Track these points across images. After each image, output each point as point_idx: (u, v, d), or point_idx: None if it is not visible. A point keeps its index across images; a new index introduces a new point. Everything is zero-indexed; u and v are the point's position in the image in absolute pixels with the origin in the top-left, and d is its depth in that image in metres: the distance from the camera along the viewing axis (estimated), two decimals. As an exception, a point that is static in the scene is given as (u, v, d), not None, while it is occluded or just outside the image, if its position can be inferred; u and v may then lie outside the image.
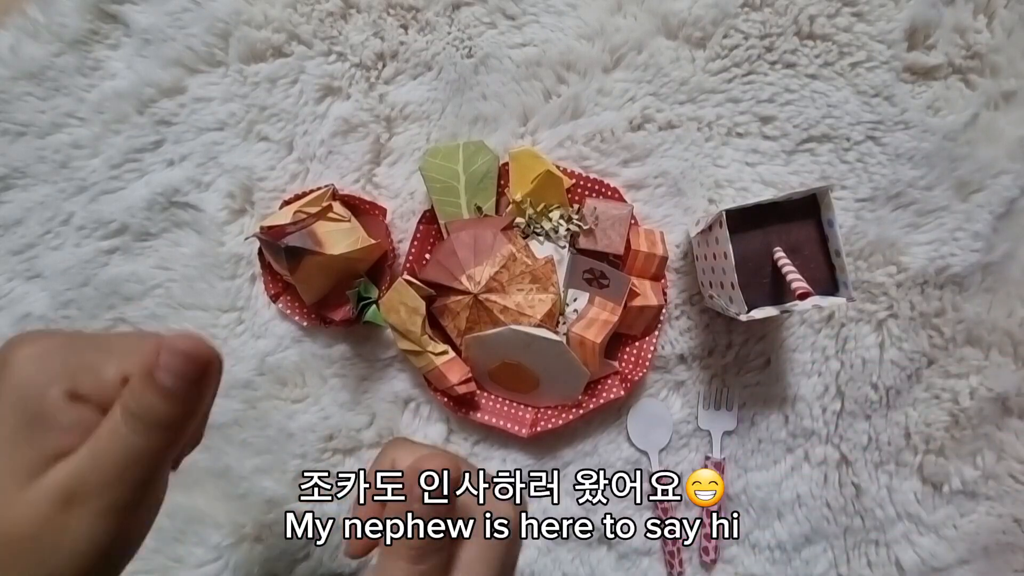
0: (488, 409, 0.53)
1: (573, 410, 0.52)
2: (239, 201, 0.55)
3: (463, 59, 0.55)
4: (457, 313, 0.50)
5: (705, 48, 0.53)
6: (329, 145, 0.55)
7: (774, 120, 0.53)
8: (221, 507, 0.55)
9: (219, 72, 0.55)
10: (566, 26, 0.54)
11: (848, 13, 0.53)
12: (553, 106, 0.54)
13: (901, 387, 0.54)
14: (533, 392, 0.51)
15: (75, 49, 0.54)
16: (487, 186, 0.52)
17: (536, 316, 0.48)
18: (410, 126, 0.55)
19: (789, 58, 0.53)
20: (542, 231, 0.52)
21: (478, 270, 0.49)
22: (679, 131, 0.54)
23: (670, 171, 0.54)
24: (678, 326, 0.54)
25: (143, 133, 0.55)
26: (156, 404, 0.24)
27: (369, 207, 0.53)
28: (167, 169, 0.55)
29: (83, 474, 0.24)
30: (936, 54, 0.52)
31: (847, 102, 0.53)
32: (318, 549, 0.55)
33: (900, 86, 0.53)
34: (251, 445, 0.55)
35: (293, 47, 0.54)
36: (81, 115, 0.55)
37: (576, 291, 0.50)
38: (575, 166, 0.54)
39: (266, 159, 0.55)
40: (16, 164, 0.55)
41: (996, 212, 0.52)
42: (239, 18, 0.54)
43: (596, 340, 0.48)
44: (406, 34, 0.55)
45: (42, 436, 0.25)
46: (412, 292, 0.48)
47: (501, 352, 0.49)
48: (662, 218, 0.54)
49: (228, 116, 0.55)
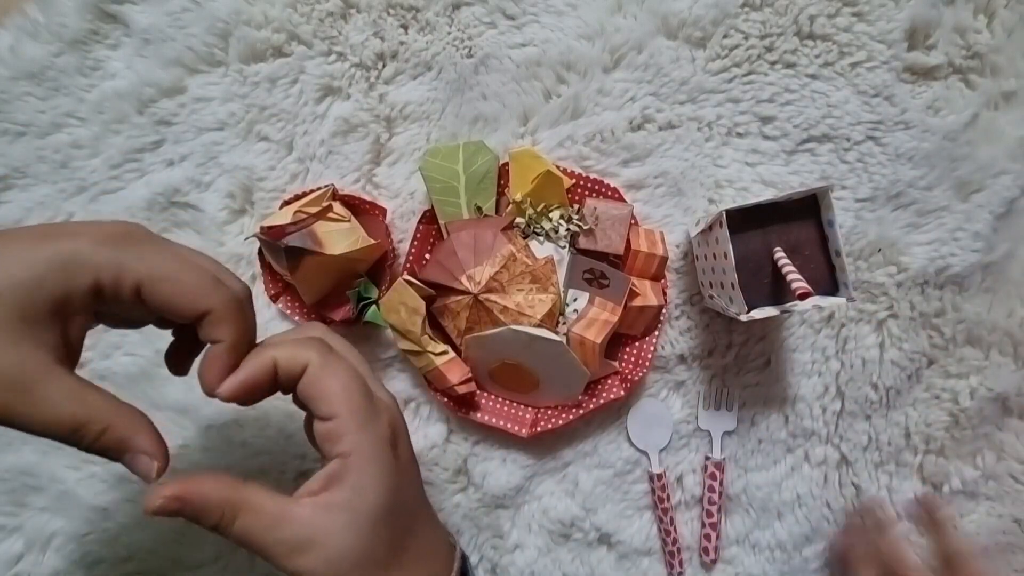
0: (488, 409, 0.53)
1: (573, 410, 0.52)
2: (239, 201, 0.55)
3: (463, 59, 0.55)
4: (457, 313, 0.50)
5: (705, 48, 0.53)
6: (329, 145, 0.55)
7: (774, 120, 0.53)
8: (221, 507, 0.54)
9: (219, 72, 0.55)
10: (566, 26, 0.54)
11: (848, 13, 0.53)
12: (553, 106, 0.54)
13: (901, 387, 0.54)
14: (533, 392, 0.51)
15: (75, 49, 0.54)
16: (487, 186, 0.52)
17: (536, 316, 0.48)
18: (410, 126, 0.55)
19: (789, 58, 0.53)
20: (542, 231, 0.52)
21: (478, 270, 0.49)
22: (679, 131, 0.54)
23: (670, 171, 0.54)
24: (678, 326, 0.54)
25: (143, 133, 0.55)
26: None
27: (369, 207, 0.53)
28: (167, 169, 0.55)
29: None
30: (936, 54, 0.52)
31: (847, 102, 0.53)
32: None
33: (900, 86, 0.53)
34: (250, 445, 0.54)
35: (293, 47, 0.54)
36: (81, 115, 0.55)
37: (576, 291, 0.50)
38: (575, 166, 0.54)
39: (266, 159, 0.55)
40: (16, 164, 0.55)
41: (996, 212, 0.52)
42: (239, 18, 0.54)
43: (596, 340, 0.48)
44: (406, 34, 0.55)
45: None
46: (412, 292, 0.48)
47: (501, 352, 0.49)
48: (662, 218, 0.54)
49: (228, 116, 0.55)
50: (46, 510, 0.54)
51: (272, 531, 0.33)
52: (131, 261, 0.32)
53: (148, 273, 0.32)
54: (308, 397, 0.35)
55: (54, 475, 0.54)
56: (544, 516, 0.55)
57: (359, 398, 0.35)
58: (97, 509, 0.54)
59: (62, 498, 0.54)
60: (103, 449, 0.32)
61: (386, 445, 0.36)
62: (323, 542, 0.34)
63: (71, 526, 0.54)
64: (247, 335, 0.35)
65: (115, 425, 0.32)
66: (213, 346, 0.34)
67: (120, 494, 0.54)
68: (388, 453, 0.36)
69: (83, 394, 0.32)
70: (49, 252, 0.31)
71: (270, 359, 0.34)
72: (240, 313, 0.34)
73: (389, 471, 0.35)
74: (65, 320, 0.32)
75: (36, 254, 0.30)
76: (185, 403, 0.54)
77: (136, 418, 0.34)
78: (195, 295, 0.33)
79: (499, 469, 0.54)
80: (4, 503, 0.54)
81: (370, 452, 0.35)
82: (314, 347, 0.36)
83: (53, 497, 0.54)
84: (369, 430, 0.35)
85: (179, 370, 0.40)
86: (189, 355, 0.40)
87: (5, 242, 0.31)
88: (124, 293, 0.32)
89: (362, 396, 0.35)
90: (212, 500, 0.33)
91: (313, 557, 0.33)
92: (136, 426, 0.33)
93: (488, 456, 0.55)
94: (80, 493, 0.54)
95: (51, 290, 0.30)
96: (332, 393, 0.34)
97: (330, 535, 0.34)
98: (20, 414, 0.30)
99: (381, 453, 0.35)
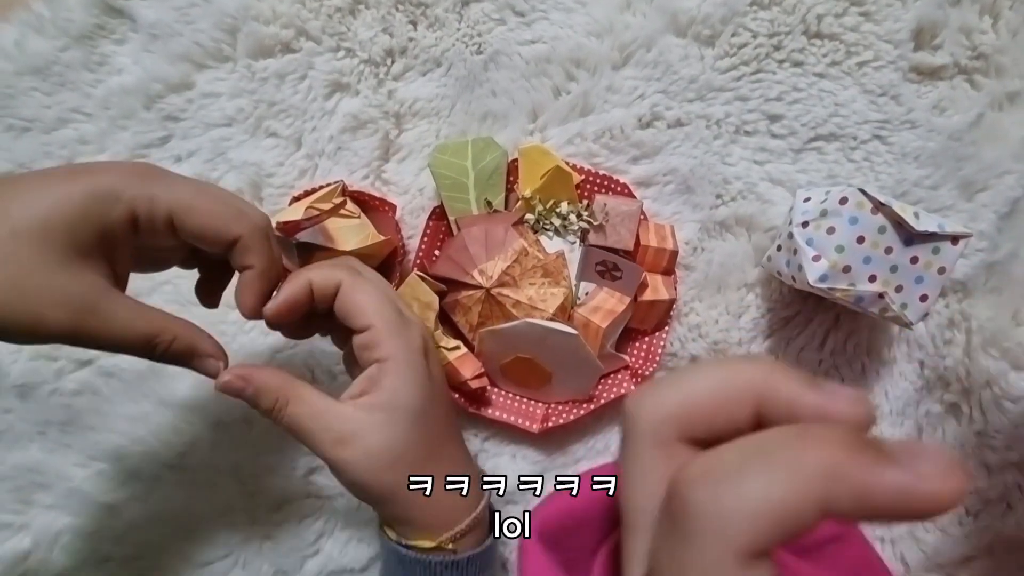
0: (498, 405, 0.53)
1: (584, 405, 0.52)
2: (248, 197, 0.55)
3: (472, 56, 0.55)
4: (469, 308, 0.50)
5: (714, 46, 0.54)
6: (338, 141, 0.55)
7: (782, 118, 0.54)
8: (230, 505, 0.54)
9: (227, 68, 0.55)
10: (575, 23, 0.54)
11: (855, 13, 0.53)
12: (562, 103, 0.54)
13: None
14: (545, 387, 0.52)
15: (81, 44, 0.54)
16: (496, 182, 0.52)
17: (549, 310, 0.48)
18: (419, 122, 0.55)
19: (797, 57, 0.53)
20: (552, 227, 0.52)
21: (490, 265, 0.49)
22: (688, 129, 0.54)
23: (679, 168, 0.54)
24: (687, 323, 0.54)
25: (150, 129, 0.55)
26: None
27: (379, 203, 0.53)
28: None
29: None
30: (942, 54, 0.53)
31: (854, 101, 0.53)
32: (328, 545, 0.55)
33: (906, 86, 0.53)
34: (260, 443, 0.54)
35: (302, 43, 0.54)
36: (87, 111, 0.54)
37: (588, 285, 0.51)
38: (584, 163, 0.54)
39: (275, 155, 0.55)
40: (21, 160, 0.54)
41: (1000, 212, 0.53)
42: (247, 13, 0.53)
43: (602, 325, 0.48)
44: (415, 30, 0.55)
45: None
46: (425, 287, 0.48)
47: (516, 346, 0.49)
48: (671, 215, 0.55)
49: (236, 112, 0.55)
50: (53, 507, 0.54)
51: (318, 419, 0.37)
52: (161, 192, 0.34)
53: (178, 203, 0.34)
54: (345, 312, 0.39)
55: (61, 472, 0.54)
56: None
57: (391, 310, 0.39)
58: (105, 506, 0.54)
59: (69, 495, 0.54)
60: (174, 356, 0.36)
61: (419, 354, 0.40)
62: (364, 436, 0.37)
63: (79, 524, 0.54)
64: (275, 261, 0.38)
65: (181, 335, 0.36)
66: (244, 273, 0.38)
67: (128, 491, 0.54)
68: (421, 361, 0.40)
69: (146, 311, 0.36)
70: (85, 187, 0.33)
71: (306, 280, 0.38)
72: (267, 240, 0.38)
73: (423, 376, 0.39)
74: (111, 251, 0.34)
75: (73, 189, 0.32)
76: (193, 400, 0.54)
77: (195, 328, 0.38)
78: (225, 222, 0.36)
79: (509, 465, 0.55)
80: (11, 501, 0.54)
81: (404, 357, 0.38)
82: (344, 269, 0.40)
83: (60, 494, 0.54)
84: (403, 337, 0.39)
85: (210, 301, 0.44)
86: (218, 288, 0.43)
87: (39, 181, 0.33)
88: (158, 223, 0.34)
89: (393, 309, 0.39)
90: (270, 385, 0.38)
91: (354, 449, 0.37)
92: (198, 334, 0.38)
93: (498, 452, 0.55)
94: (88, 490, 0.54)
95: (95, 222, 0.33)
96: (366, 304, 0.38)
97: (370, 431, 0.37)
98: (96, 333, 0.33)
99: (415, 359, 0.39)
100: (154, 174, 0.35)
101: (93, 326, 0.33)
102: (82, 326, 0.32)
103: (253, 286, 0.37)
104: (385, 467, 0.38)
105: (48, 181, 0.33)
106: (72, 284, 0.32)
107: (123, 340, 0.34)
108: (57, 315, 0.32)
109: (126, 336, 0.34)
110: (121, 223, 0.33)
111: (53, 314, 0.32)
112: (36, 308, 0.31)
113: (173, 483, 0.54)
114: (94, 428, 0.54)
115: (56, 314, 0.32)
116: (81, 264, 0.32)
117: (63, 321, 0.32)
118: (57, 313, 0.32)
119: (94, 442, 0.54)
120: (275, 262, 0.38)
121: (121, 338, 0.34)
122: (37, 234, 0.31)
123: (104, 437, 0.54)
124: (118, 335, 0.34)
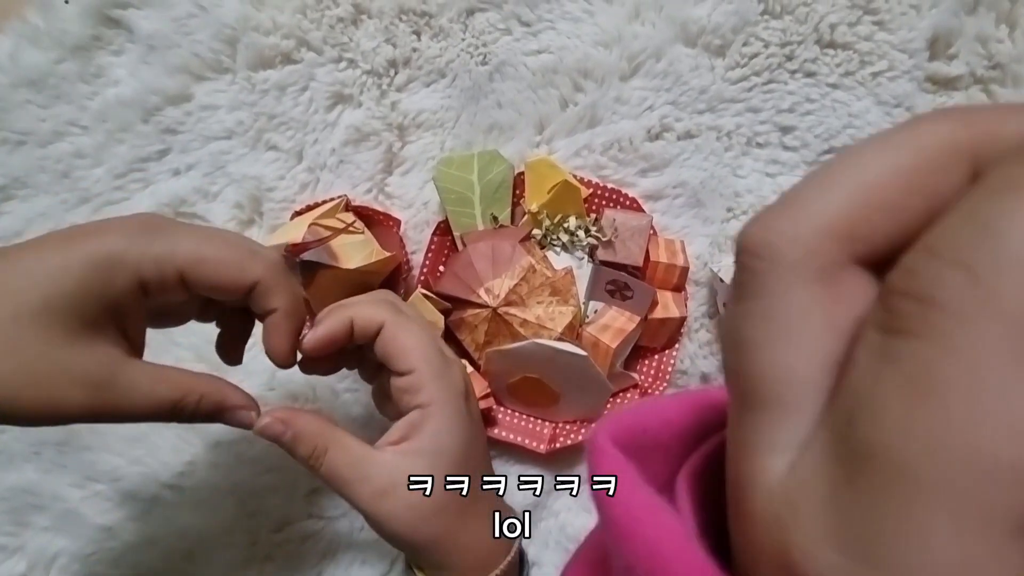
0: (505, 424, 0.52)
1: (593, 425, 0.51)
2: (248, 212, 0.54)
3: (478, 66, 0.53)
4: (475, 327, 0.49)
5: (724, 56, 0.52)
6: (340, 154, 0.53)
7: (794, 130, 0.53)
8: (231, 525, 0.53)
9: (226, 79, 0.53)
10: (583, 33, 0.53)
11: (869, 21, 0.52)
12: (570, 114, 0.53)
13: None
14: (553, 407, 0.50)
15: (77, 55, 0.53)
16: (502, 196, 0.51)
17: (557, 329, 0.47)
18: (423, 135, 0.54)
19: (810, 67, 0.52)
20: (559, 242, 0.51)
21: (497, 283, 0.48)
22: (698, 140, 0.53)
23: (689, 181, 0.53)
24: (697, 339, 0.53)
25: (148, 142, 0.53)
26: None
27: (383, 218, 0.52)
28: (173, 179, 0.54)
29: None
30: (958, 64, 0.52)
31: (868, 112, 0.52)
32: (330, 567, 0.54)
33: (921, 96, 0.52)
34: (261, 462, 0.53)
35: (303, 54, 0.53)
36: (83, 123, 0.53)
37: (597, 304, 0.49)
38: (592, 176, 0.53)
39: (275, 168, 0.54)
40: (16, 174, 0.53)
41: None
42: (247, 24, 0.52)
43: (612, 345, 0.47)
44: (419, 41, 0.54)
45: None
46: (430, 306, 0.47)
47: (523, 366, 0.48)
48: (680, 229, 0.53)
49: (236, 124, 0.53)
50: (49, 529, 0.53)
51: (357, 468, 0.36)
52: (166, 250, 0.32)
53: (186, 257, 0.32)
54: (387, 354, 0.37)
55: (57, 494, 0.53)
56: (561, 533, 0.54)
57: (433, 352, 0.38)
58: (102, 528, 0.53)
59: (65, 517, 0.53)
60: (204, 415, 0.35)
61: (460, 396, 0.38)
62: (404, 487, 0.35)
63: (75, 546, 0.52)
64: (299, 298, 0.36)
65: (207, 392, 0.35)
66: (270, 317, 0.35)
67: (125, 513, 0.53)
68: (462, 403, 0.38)
69: (166, 374, 0.34)
70: (83, 256, 0.31)
71: (347, 317, 0.36)
72: (286, 277, 0.36)
73: (464, 420, 0.38)
74: (122, 318, 0.32)
75: (70, 259, 0.30)
76: (193, 419, 0.53)
77: (220, 381, 0.36)
78: (239, 268, 0.34)
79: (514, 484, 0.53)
80: (6, 523, 0.53)
81: (446, 401, 0.37)
82: (386, 307, 0.38)
83: (56, 516, 0.53)
84: (445, 380, 0.37)
85: (233, 358, 0.42)
86: (240, 341, 0.41)
87: (35, 252, 0.31)
88: (168, 282, 0.32)
89: (436, 351, 0.38)
90: (309, 430, 0.36)
91: (395, 501, 0.35)
92: (225, 387, 0.36)
93: (505, 472, 0.53)
94: (84, 512, 0.52)
95: (98, 294, 0.31)
96: (409, 348, 0.37)
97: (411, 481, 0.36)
98: (117, 407, 0.32)
99: (457, 402, 0.38)
100: (155, 228, 0.33)
101: (113, 401, 0.31)
102: (101, 402, 0.31)
103: (282, 328, 0.35)
104: (428, 517, 0.36)
105: (43, 253, 0.31)
106: (84, 361, 0.31)
107: (146, 409, 0.33)
108: (74, 395, 0.30)
109: (149, 405, 0.33)
110: (128, 290, 0.32)
111: (69, 395, 0.30)
112: (50, 392, 0.30)
113: (171, 504, 0.53)
114: (90, 448, 0.53)
115: (73, 395, 0.30)
116: (91, 338, 0.31)
117: (81, 401, 0.31)
118: (74, 393, 0.30)
119: (90, 462, 0.53)
120: (299, 299, 0.36)
121: (144, 408, 0.33)
122: (40, 314, 0.29)
123: (101, 457, 0.53)
124: (141, 406, 0.32)
